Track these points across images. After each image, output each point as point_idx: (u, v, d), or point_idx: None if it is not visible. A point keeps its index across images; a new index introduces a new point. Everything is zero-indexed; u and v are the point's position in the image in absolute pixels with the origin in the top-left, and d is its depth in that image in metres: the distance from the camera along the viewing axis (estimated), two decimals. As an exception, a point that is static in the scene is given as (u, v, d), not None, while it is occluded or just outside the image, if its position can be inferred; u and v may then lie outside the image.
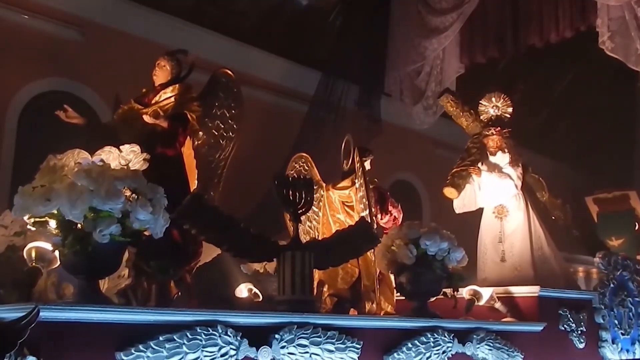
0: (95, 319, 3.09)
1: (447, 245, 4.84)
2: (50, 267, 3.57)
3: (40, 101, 7.34)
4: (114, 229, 3.16)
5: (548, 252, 6.82)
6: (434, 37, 7.74)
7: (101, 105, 7.46)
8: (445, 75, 8.05)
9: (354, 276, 5.55)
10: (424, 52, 7.85)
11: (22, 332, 2.55)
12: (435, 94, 8.01)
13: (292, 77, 9.04)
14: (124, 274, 4.41)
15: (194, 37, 8.21)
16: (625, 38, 6.38)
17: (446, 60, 8.01)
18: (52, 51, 7.33)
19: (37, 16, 7.21)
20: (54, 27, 7.34)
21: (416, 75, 8.17)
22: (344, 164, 5.80)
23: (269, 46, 8.91)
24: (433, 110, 8.17)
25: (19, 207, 3.12)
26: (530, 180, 7.15)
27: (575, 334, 5.88)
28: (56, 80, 7.45)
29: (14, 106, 7.17)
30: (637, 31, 6.27)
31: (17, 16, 7.10)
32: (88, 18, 7.57)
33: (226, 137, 5.26)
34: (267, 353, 3.61)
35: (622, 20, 6.40)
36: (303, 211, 4.28)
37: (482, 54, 7.85)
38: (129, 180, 3.27)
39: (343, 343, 3.98)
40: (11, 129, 7.12)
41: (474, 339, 4.82)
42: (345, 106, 7.91)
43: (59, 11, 7.38)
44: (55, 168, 3.24)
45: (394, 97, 8.38)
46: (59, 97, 7.25)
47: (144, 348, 3.17)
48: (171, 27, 8.12)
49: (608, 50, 6.46)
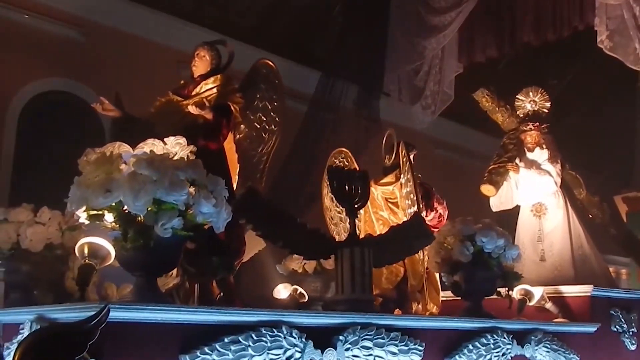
0: (159, 319, 2.86)
1: (503, 242, 4.63)
2: (104, 264, 3.34)
3: (41, 101, 7.36)
4: (176, 222, 2.93)
5: (588, 251, 6.68)
6: (433, 37, 7.61)
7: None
8: (444, 74, 7.94)
9: (398, 275, 5.35)
10: (422, 51, 7.72)
11: (92, 334, 2.32)
12: (434, 93, 7.95)
13: (291, 77, 8.92)
14: (172, 273, 4.19)
15: (194, 37, 8.05)
16: (624, 37, 6.27)
17: (445, 59, 7.91)
18: (52, 51, 7.36)
19: (37, 16, 7.25)
20: (54, 27, 7.37)
21: (415, 74, 8.04)
22: (386, 159, 5.60)
23: (269, 46, 8.79)
24: (432, 110, 8.04)
25: (75, 198, 2.89)
26: (568, 177, 7.01)
27: (626, 335, 5.67)
28: (56, 80, 7.52)
29: (14, 106, 7.17)
30: (636, 30, 6.16)
31: (18, 16, 7.12)
32: (88, 18, 7.60)
33: (268, 130, 5.05)
34: (332, 355, 3.39)
35: (621, 19, 6.28)
36: (359, 205, 4.06)
37: (481, 53, 7.75)
38: (190, 170, 3.04)
39: (406, 345, 3.76)
40: (11, 128, 7.12)
41: (532, 341, 4.60)
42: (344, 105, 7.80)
43: (60, 11, 7.41)
44: (113, 158, 3.00)
45: (392, 96, 8.27)
46: (60, 97, 7.48)
47: (209, 350, 2.95)
48: (171, 27, 8.14)
49: (606, 49, 6.34)
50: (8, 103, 7.10)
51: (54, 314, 3.10)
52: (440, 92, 7.96)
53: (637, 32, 6.14)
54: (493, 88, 7.29)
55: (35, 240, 4.06)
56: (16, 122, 7.13)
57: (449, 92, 7.92)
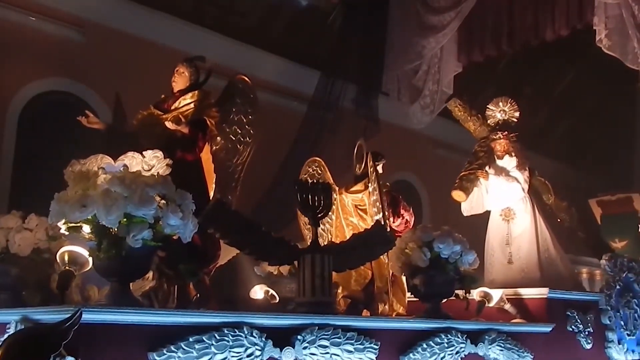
0: (130, 320, 3.20)
1: (459, 248, 4.95)
2: (82, 270, 3.68)
3: (41, 101, 7.41)
4: (146, 234, 3.28)
5: (554, 254, 6.94)
6: (431, 36, 7.75)
7: (101, 106, 7.53)
8: (443, 74, 8.08)
9: (366, 278, 5.69)
10: (421, 50, 7.86)
11: (66, 334, 2.66)
12: (432, 92, 8.10)
13: (291, 77, 9.09)
14: (148, 276, 4.53)
15: (194, 37, 8.28)
16: (623, 36, 6.42)
17: (444, 59, 8.05)
18: (52, 51, 7.38)
19: (37, 16, 7.27)
20: (54, 27, 7.39)
21: (414, 74, 8.19)
22: (357, 168, 5.94)
23: (269, 46, 8.98)
24: (430, 110, 8.21)
25: (55, 212, 3.24)
26: (537, 183, 7.25)
27: (582, 335, 5.98)
28: (56, 80, 7.53)
29: (14, 106, 7.22)
30: (634, 29, 6.31)
31: (18, 16, 7.14)
32: (88, 18, 7.62)
33: (243, 142, 5.39)
34: (290, 353, 3.73)
35: (620, 19, 6.44)
36: (322, 215, 4.41)
37: (480, 52, 7.90)
38: (160, 186, 3.38)
39: (362, 344, 4.09)
40: (11, 129, 7.17)
41: (486, 340, 4.92)
42: (343, 105, 7.97)
43: (60, 11, 7.43)
44: (89, 175, 3.34)
45: (391, 96, 8.40)
46: (60, 97, 7.53)
47: (175, 349, 3.29)
48: (171, 27, 8.17)
49: (605, 48, 6.50)
50: (8, 103, 7.15)
51: (37, 315, 3.44)
52: (439, 91, 8.14)
53: (635, 31, 6.32)
54: (465, 97, 7.56)
55: (23, 245, 4.37)
56: (16, 122, 7.21)
57: (448, 92, 8.07)
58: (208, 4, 8.64)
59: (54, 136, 7.30)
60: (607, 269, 6.58)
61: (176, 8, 8.25)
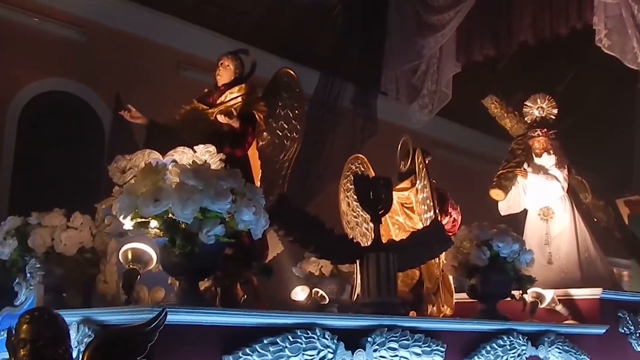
0: (204, 321, 3.03)
1: (518, 247, 4.80)
2: (147, 269, 3.49)
3: (41, 101, 7.38)
4: (219, 229, 3.09)
5: (594, 254, 6.81)
6: (431, 36, 7.67)
7: (101, 106, 7.55)
8: (442, 74, 7.99)
9: (414, 278, 5.51)
10: (420, 50, 7.78)
11: (152, 336, 2.48)
12: (431, 92, 8.02)
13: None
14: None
15: (194, 37, 8.31)
16: (622, 36, 6.36)
17: (443, 58, 7.96)
18: (53, 51, 7.38)
19: (38, 16, 7.26)
20: (54, 27, 7.40)
21: (412, 73, 8.11)
22: (402, 165, 5.76)
23: (269, 46, 8.85)
24: (429, 109, 8.10)
25: (125, 206, 3.04)
26: (574, 182, 7.14)
27: (634, 337, 5.84)
28: (57, 80, 7.53)
29: (14, 106, 7.19)
30: (634, 29, 6.24)
31: (18, 16, 7.13)
32: (89, 18, 7.62)
33: (290, 138, 5.22)
34: (361, 356, 3.56)
35: (619, 18, 6.37)
36: (383, 212, 4.23)
37: (479, 52, 7.84)
38: (231, 180, 3.20)
39: (429, 346, 3.93)
40: (11, 129, 7.14)
41: (545, 342, 4.78)
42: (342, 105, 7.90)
43: (60, 11, 7.43)
44: (158, 168, 3.15)
45: (390, 95, 8.33)
46: (60, 97, 7.50)
47: (250, 351, 3.12)
48: (172, 27, 8.18)
49: (604, 48, 6.44)
50: (8, 103, 7.14)
51: (99, 316, 3.26)
52: (438, 91, 8.01)
53: (635, 30, 6.23)
54: (501, 94, 7.43)
55: (69, 245, 4.21)
56: (16, 122, 7.17)
57: (447, 92, 7.99)
58: (208, 3, 8.61)
59: (54, 136, 7.28)
60: (655, 269, 6.44)
61: (176, 8, 8.24)
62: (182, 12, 8.27)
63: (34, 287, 4.08)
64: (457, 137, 11.90)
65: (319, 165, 7.19)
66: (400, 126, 9.01)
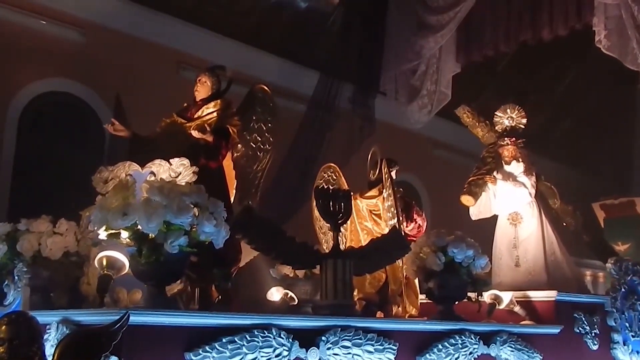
0: (168, 322, 3.40)
1: (472, 253, 5.14)
2: (119, 274, 3.86)
3: (41, 102, 7.49)
4: (182, 240, 3.47)
5: (560, 257, 7.08)
6: (430, 36, 7.78)
7: (102, 106, 7.64)
8: (441, 74, 8.12)
9: (381, 281, 5.88)
10: (420, 50, 7.90)
11: (116, 335, 2.85)
12: (430, 93, 8.15)
13: (291, 77, 9.14)
14: (176, 279, 4.69)
15: (194, 37, 8.37)
16: (622, 37, 6.47)
17: (442, 59, 8.09)
18: (53, 52, 7.45)
19: (38, 17, 7.33)
20: (55, 28, 7.45)
21: (412, 74, 8.23)
22: (371, 174, 6.13)
23: (269, 46, 9.04)
24: (428, 109, 8.26)
25: (97, 219, 3.42)
26: (543, 188, 7.40)
27: (589, 336, 6.17)
28: (57, 80, 7.59)
29: (14, 106, 7.29)
30: (634, 30, 6.37)
31: (19, 17, 7.21)
32: (89, 19, 7.70)
33: (263, 149, 5.59)
34: (315, 354, 3.93)
35: (619, 19, 6.49)
36: (342, 221, 4.59)
37: (478, 52, 7.97)
38: (195, 195, 3.57)
39: (381, 345, 4.29)
40: (11, 129, 7.23)
41: (498, 341, 5.12)
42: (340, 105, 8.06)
43: (60, 12, 7.51)
44: (128, 184, 3.53)
45: (389, 96, 8.44)
46: (60, 98, 7.63)
47: (209, 349, 3.49)
48: (172, 27, 8.25)
49: (604, 48, 6.57)
50: (8, 104, 7.21)
51: (77, 316, 3.64)
52: (437, 91, 8.17)
53: (635, 31, 6.37)
54: (473, 104, 7.73)
55: (54, 249, 4.56)
56: (16, 123, 7.27)
57: (446, 92, 8.14)
58: (208, 4, 8.68)
59: (54, 136, 7.40)
60: (612, 272, 6.75)
61: (176, 8, 8.31)
62: (182, 12, 8.37)
63: (21, 289, 4.47)
64: (457, 137, 12.02)
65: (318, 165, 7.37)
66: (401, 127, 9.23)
